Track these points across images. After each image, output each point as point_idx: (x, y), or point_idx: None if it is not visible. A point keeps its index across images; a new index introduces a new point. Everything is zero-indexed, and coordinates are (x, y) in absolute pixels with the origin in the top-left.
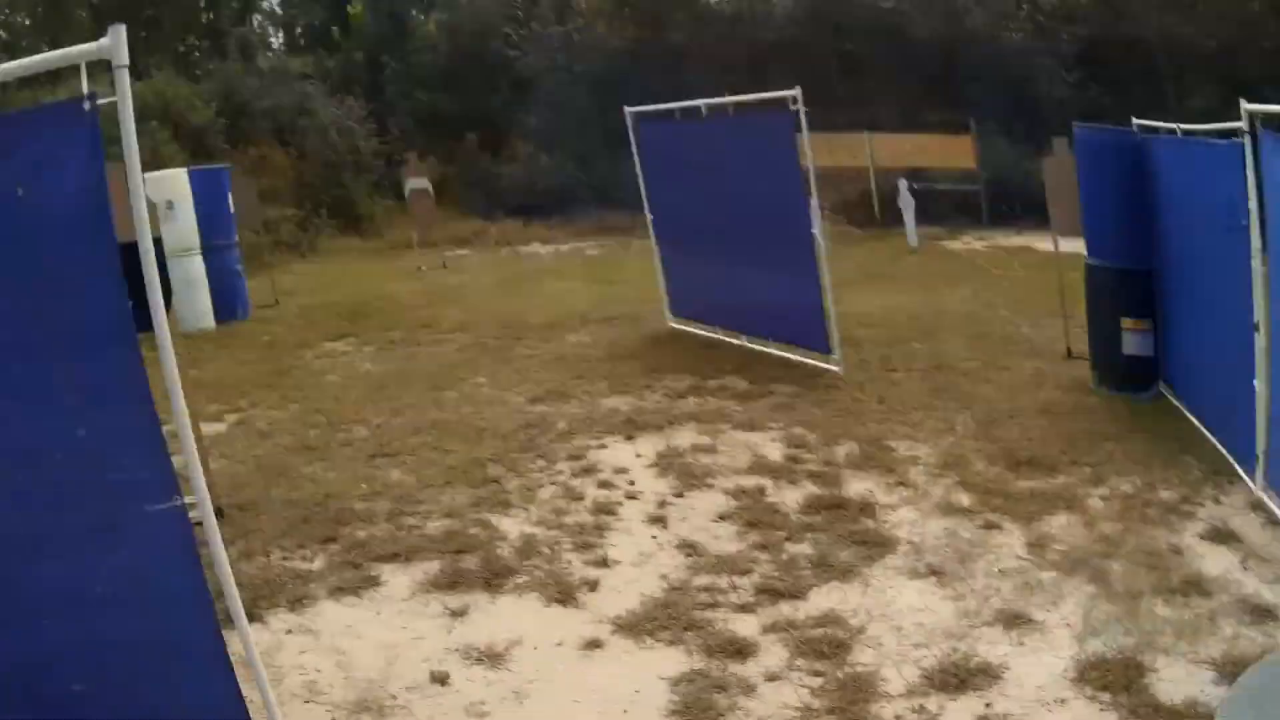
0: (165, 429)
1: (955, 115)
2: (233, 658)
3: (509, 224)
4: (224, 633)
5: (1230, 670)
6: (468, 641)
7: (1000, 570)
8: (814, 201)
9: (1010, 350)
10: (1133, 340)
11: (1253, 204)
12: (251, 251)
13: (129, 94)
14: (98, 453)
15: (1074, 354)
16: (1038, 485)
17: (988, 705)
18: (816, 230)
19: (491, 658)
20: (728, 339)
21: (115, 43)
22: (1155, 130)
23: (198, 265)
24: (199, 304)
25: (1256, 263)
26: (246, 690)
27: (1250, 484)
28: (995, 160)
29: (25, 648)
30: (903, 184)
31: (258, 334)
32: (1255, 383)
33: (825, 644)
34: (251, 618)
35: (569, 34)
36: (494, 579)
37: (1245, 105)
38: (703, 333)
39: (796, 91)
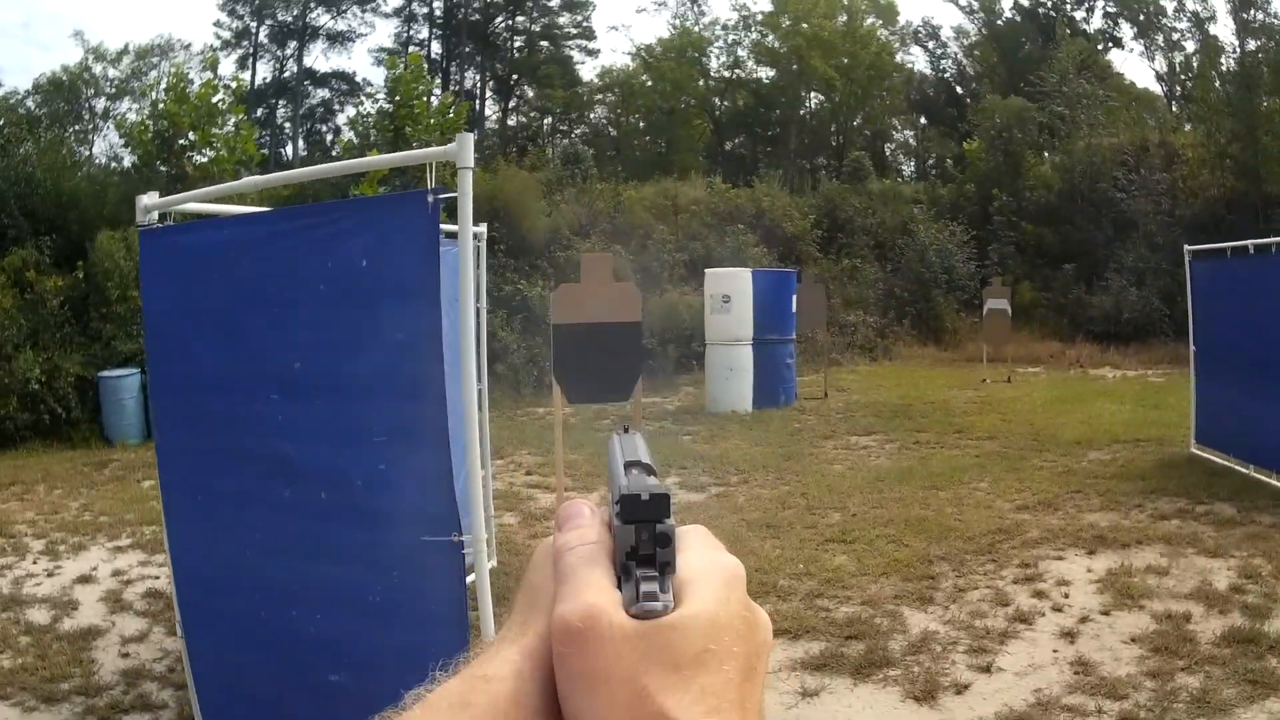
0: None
1: None
2: None
3: (1088, 348)
4: None
5: None
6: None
7: None
8: None
9: None
10: None
11: None
12: (821, 350)
13: (469, 192)
14: (394, 484)
15: None
16: None
17: None
18: None
19: None
20: (1238, 467)
21: (461, 148)
22: None
23: (742, 354)
24: (736, 390)
25: None
26: None
27: None
28: None
29: (305, 633)
30: None
31: (790, 421)
32: None
33: None
34: None
35: (1175, 180)
36: (866, 668)
37: None
38: (1219, 460)
39: None
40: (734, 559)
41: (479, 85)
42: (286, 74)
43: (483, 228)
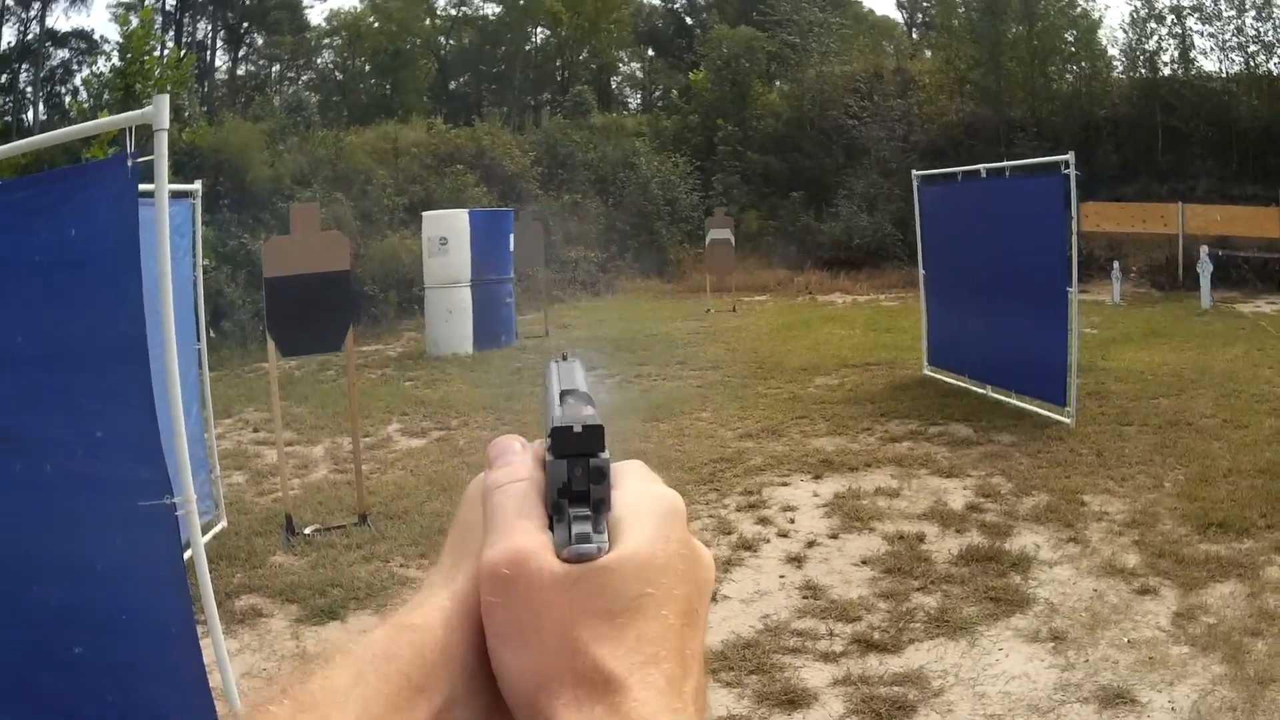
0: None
1: (1268, 189)
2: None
3: (817, 274)
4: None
5: None
6: None
7: (1129, 641)
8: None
9: (1256, 409)
10: None
11: None
12: (541, 288)
13: (165, 154)
14: (109, 451)
15: None
16: (1219, 549)
17: None
18: (1073, 289)
19: None
20: (974, 388)
21: (157, 110)
22: None
23: (461, 296)
24: (456, 332)
25: None
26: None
27: None
28: None
29: (49, 606)
30: (1204, 250)
31: (511, 360)
32: None
33: (888, 705)
34: (335, 616)
35: (911, 107)
36: None
37: None
38: (952, 381)
39: (1069, 157)
40: (672, 492)
41: (210, 36)
42: (30, 36)
43: (198, 185)
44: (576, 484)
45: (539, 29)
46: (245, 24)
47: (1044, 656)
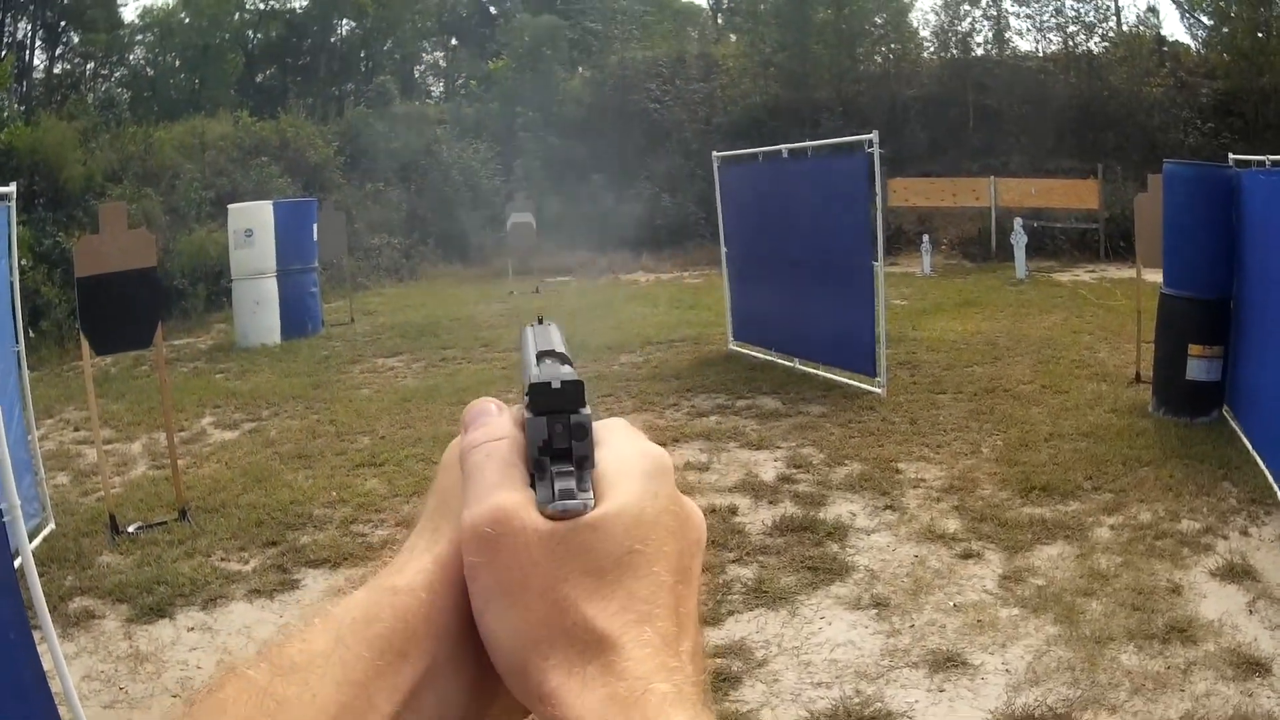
0: None
1: (1086, 162)
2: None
3: (620, 255)
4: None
5: None
6: None
7: (955, 605)
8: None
9: (1076, 374)
10: (1198, 366)
11: None
12: (345, 276)
13: None
14: None
15: (1142, 379)
16: (1044, 512)
17: None
18: (878, 263)
19: None
20: (781, 361)
21: None
22: (1248, 164)
23: (268, 286)
24: (264, 322)
25: None
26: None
27: None
28: (1121, 201)
29: None
30: (1017, 222)
31: (318, 349)
32: None
33: (713, 677)
34: (163, 614)
35: (714, 90)
36: None
37: None
38: (759, 355)
39: (873, 135)
40: (659, 449)
41: (30, 35)
42: None
43: (12, 186)
44: (557, 441)
45: (344, 20)
46: (63, 22)
47: (868, 623)
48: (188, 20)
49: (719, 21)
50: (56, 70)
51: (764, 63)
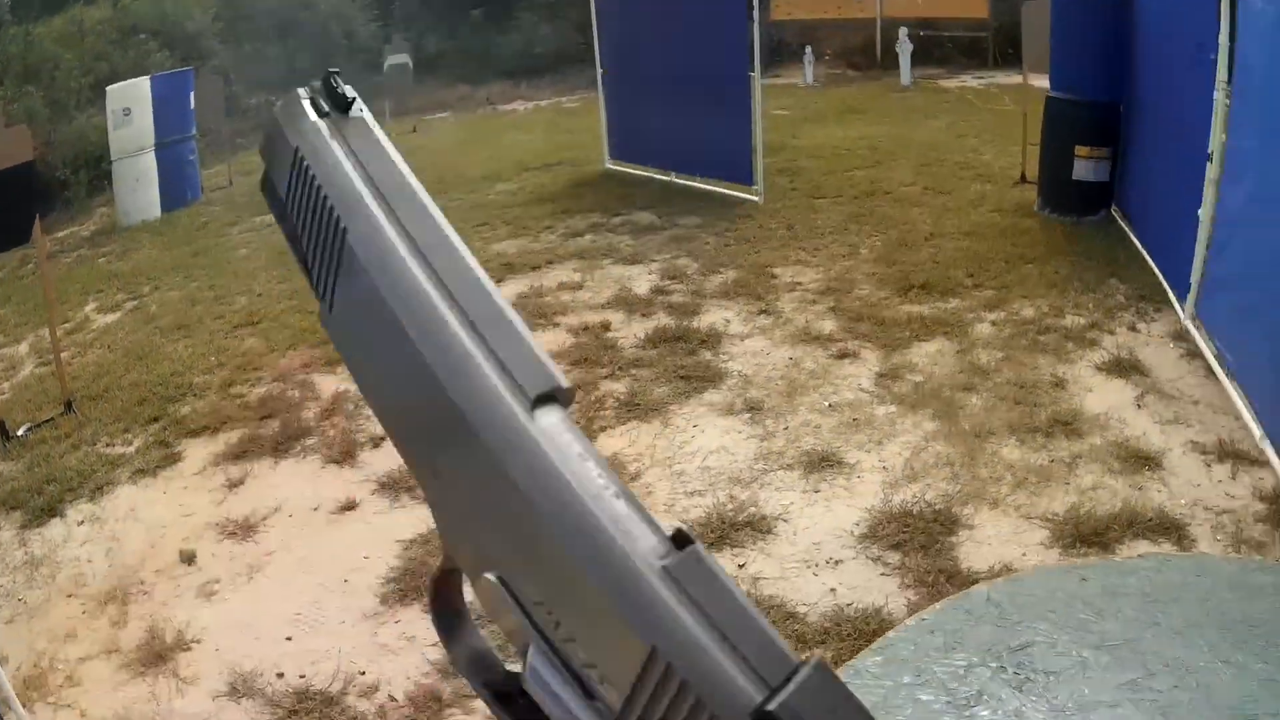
0: None
1: None
2: None
3: (499, 86)
4: None
5: (1071, 532)
6: (230, 515)
7: (830, 405)
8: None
9: (960, 175)
10: (1085, 167)
11: (1223, 36)
12: (224, 140)
13: None
14: None
15: (1027, 180)
16: (923, 310)
17: (740, 566)
18: (755, 73)
19: (245, 530)
20: (659, 177)
21: None
22: None
23: (146, 162)
24: (144, 198)
25: (1219, 94)
26: None
27: (1179, 311)
28: (1010, 8)
29: None
30: (902, 31)
31: (197, 217)
32: (1200, 211)
33: None
34: (54, 513)
35: None
36: (284, 443)
37: None
38: (637, 172)
39: None
40: None
41: None
42: None
43: None
44: None
45: None
46: None
47: (741, 429)
48: None
49: None
50: None
51: None
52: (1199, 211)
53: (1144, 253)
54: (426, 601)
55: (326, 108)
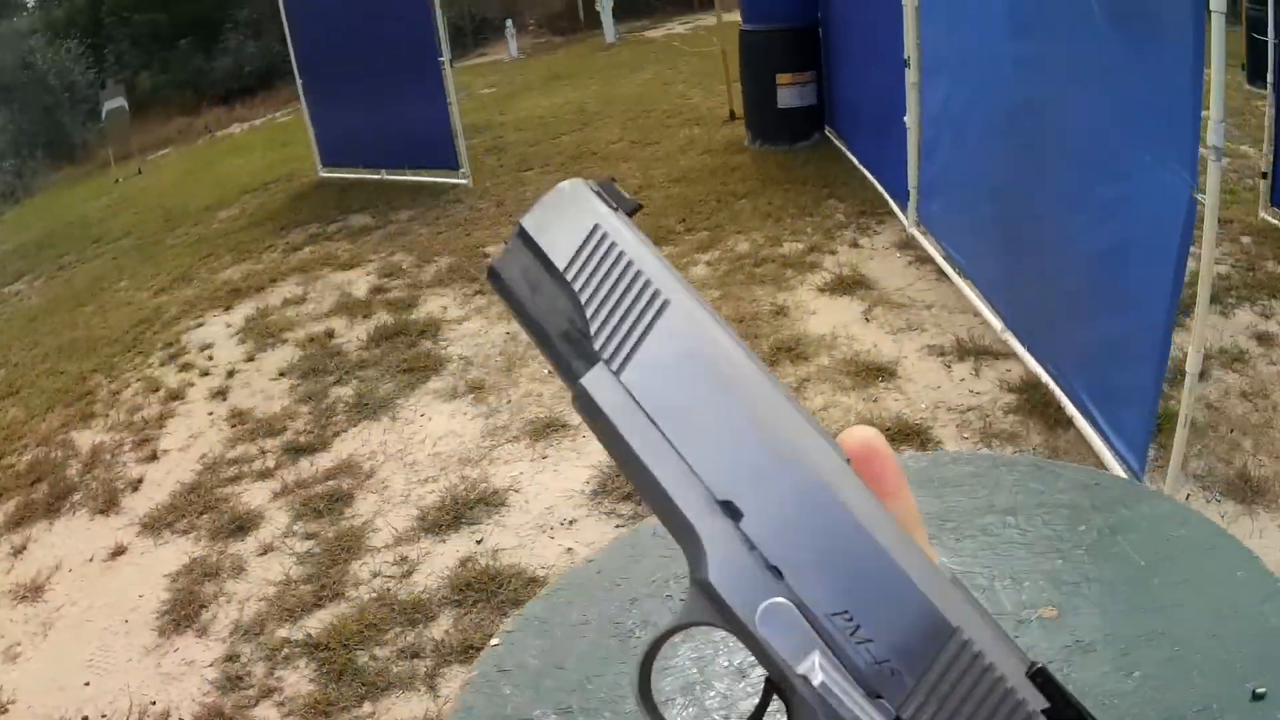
0: None
1: None
2: None
3: (216, 113)
4: None
5: None
6: (19, 580)
7: (549, 372)
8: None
9: (669, 124)
10: (789, 94)
11: None
12: None
13: None
14: None
15: (736, 117)
16: None
17: (478, 541)
18: (444, 58)
19: (34, 591)
20: (371, 176)
21: None
22: None
23: None
24: None
25: (907, 1)
26: None
27: (902, 220)
28: None
29: None
30: None
31: None
32: (905, 119)
33: (327, 500)
34: None
35: None
36: (55, 503)
37: None
38: (350, 176)
39: None
40: None
41: None
42: None
43: None
44: None
45: None
46: None
47: (467, 410)
48: None
49: None
50: None
51: None
52: (905, 119)
53: (863, 169)
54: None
55: (614, 204)
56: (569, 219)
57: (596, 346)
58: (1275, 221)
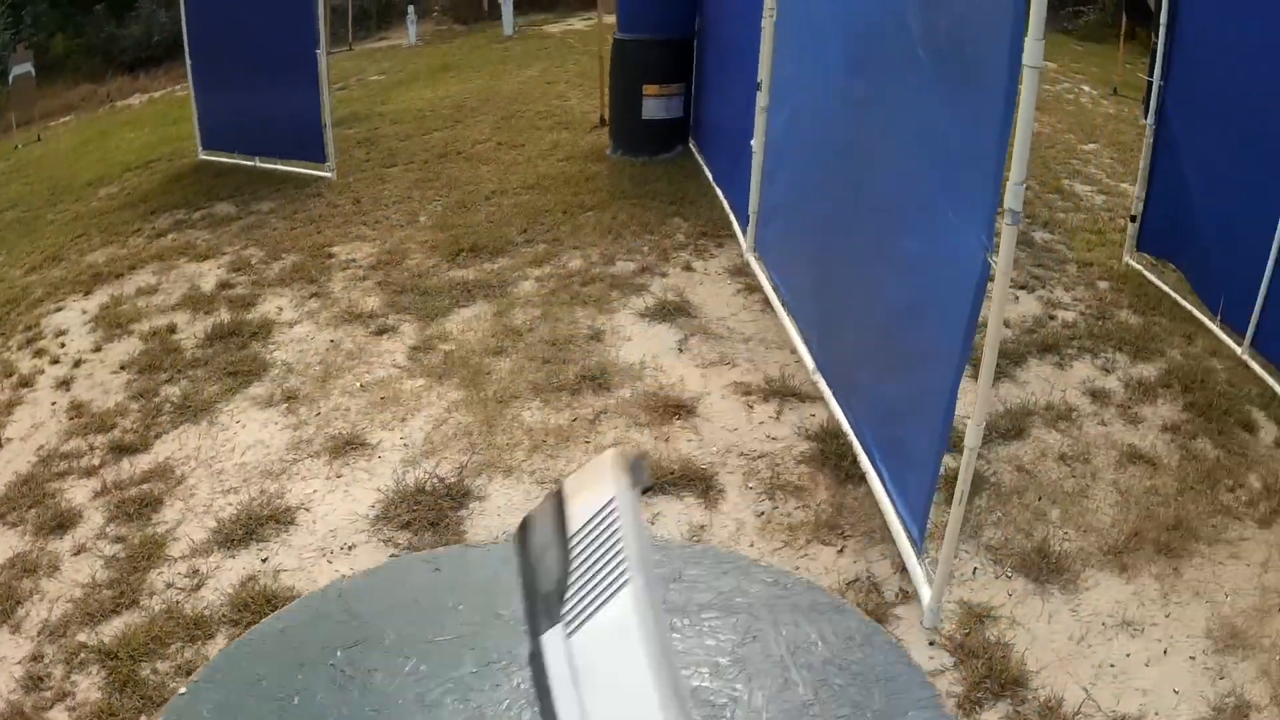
0: None
1: None
2: None
3: (120, 81)
4: None
5: None
6: None
7: (361, 385)
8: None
9: (539, 125)
10: (654, 105)
11: None
12: None
13: None
14: None
15: (605, 122)
16: (467, 274)
17: (264, 560)
18: (320, 50)
19: None
20: (245, 163)
21: None
22: None
23: None
24: None
25: (766, 22)
26: None
27: (741, 244)
28: None
29: None
30: None
31: None
32: (752, 141)
33: (138, 504)
34: None
35: None
36: None
37: None
38: (226, 161)
39: None
40: None
41: None
42: None
43: None
44: None
45: None
46: None
47: (278, 420)
48: None
49: None
50: None
51: None
52: (752, 141)
53: (715, 187)
54: None
55: (635, 479)
56: (595, 489)
57: (564, 610)
58: (1138, 266)
